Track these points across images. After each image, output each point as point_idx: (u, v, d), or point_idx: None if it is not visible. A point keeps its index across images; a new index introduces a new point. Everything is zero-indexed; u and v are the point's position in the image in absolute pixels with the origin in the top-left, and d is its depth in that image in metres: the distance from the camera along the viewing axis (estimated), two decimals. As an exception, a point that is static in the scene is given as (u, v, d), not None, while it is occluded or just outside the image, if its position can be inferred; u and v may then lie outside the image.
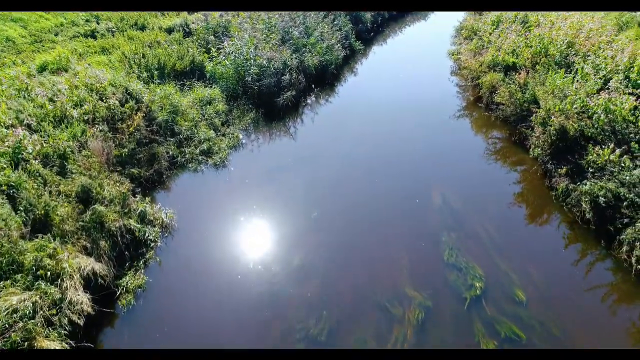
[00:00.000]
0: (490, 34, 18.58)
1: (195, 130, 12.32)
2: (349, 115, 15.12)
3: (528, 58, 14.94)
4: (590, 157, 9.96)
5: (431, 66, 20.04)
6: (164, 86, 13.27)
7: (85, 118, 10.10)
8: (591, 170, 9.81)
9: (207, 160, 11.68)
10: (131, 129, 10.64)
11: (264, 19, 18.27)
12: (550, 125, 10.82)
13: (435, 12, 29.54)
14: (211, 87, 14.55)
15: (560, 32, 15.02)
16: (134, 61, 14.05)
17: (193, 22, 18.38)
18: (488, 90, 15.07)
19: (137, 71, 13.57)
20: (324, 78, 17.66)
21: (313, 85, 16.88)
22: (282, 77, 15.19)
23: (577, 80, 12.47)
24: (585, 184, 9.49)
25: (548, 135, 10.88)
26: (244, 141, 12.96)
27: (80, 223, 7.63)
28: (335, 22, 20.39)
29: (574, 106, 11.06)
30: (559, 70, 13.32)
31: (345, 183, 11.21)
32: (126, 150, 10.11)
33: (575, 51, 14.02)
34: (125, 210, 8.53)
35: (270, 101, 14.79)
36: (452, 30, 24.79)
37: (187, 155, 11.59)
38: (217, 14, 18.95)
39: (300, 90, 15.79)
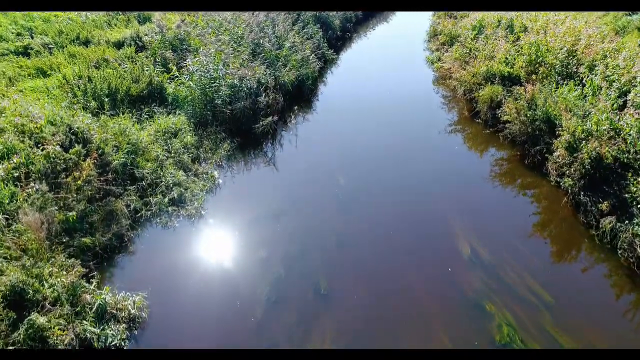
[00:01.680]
0: (472, 39, 17.28)
1: (161, 173, 10.02)
2: (334, 137, 13.26)
3: (522, 67, 13.69)
4: (635, 189, 8.63)
5: (412, 74, 18.67)
6: (118, 118, 10.86)
7: (16, 175, 7.66)
8: (639, 205, 8.47)
9: (179, 212, 9.46)
10: (79, 182, 8.28)
11: (228, 29, 16.09)
12: (585, 153, 9.40)
13: (397, 14, 28.75)
14: (175, 113, 12.25)
15: (557, 38, 13.82)
16: (79, 87, 11.54)
17: (146, 34, 15.92)
18: (487, 104, 13.67)
19: (82, 100, 11.07)
20: (302, 94, 15.76)
21: (292, 105, 14.93)
22: (258, 98, 13.12)
23: (591, 94, 11.25)
24: (639, 225, 8.11)
25: (580, 164, 9.48)
26: (220, 181, 10.80)
27: (9, 347, 5.35)
28: (305, 30, 18.53)
29: (602, 127, 9.73)
30: (563, 82, 12.11)
31: (350, 236, 9.21)
32: (74, 213, 7.72)
33: (577, 60, 12.83)
34: (77, 309, 6.26)
35: (247, 127, 12.70)
36: (425, 34, 23.67)
37: (153, 207, 9.28)
38: (174, 24, 16.56)
39: (278, 111, 13.78)
